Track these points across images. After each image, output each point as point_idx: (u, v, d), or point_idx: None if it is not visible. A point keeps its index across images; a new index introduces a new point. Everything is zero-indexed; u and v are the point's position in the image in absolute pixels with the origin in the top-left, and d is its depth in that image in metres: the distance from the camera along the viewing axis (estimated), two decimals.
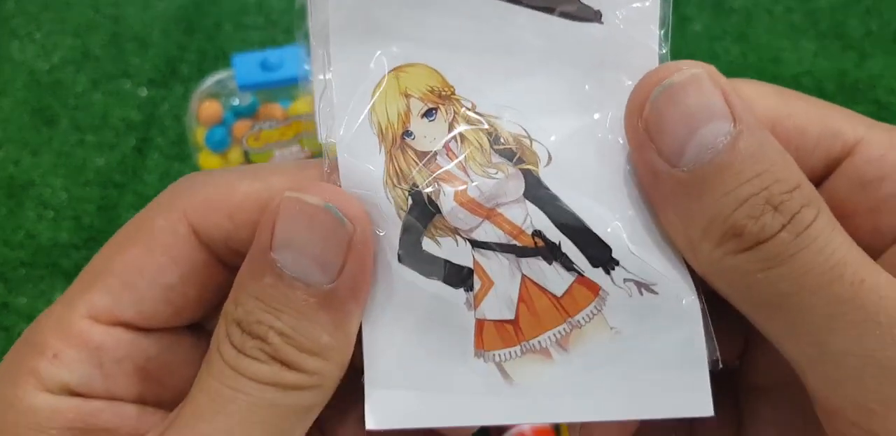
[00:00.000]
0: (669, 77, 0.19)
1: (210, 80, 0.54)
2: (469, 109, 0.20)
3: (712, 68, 0.19)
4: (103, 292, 0.19)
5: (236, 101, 0.52)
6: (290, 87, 0.53)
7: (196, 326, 0.22)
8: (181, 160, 0.71)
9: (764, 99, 0.21)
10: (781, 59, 0.83)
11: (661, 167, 0.18)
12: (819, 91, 0.79)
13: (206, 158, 0.54)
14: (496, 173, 0.19)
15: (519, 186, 0.19)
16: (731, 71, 0.81)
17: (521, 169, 0.20)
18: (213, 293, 0.21)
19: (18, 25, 0.83)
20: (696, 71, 0.19)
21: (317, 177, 0.19)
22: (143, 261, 0.19)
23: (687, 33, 0.86)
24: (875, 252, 0.19)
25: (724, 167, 0.17)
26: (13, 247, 0.64)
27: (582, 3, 0.20)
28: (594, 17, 0.21)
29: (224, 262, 0.20)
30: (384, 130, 0.19)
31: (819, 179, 0.21)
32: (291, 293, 0.17)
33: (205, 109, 0.52)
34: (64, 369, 0.19)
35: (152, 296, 0.19)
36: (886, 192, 0.19)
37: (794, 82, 0.80)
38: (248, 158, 0.52)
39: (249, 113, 0.53)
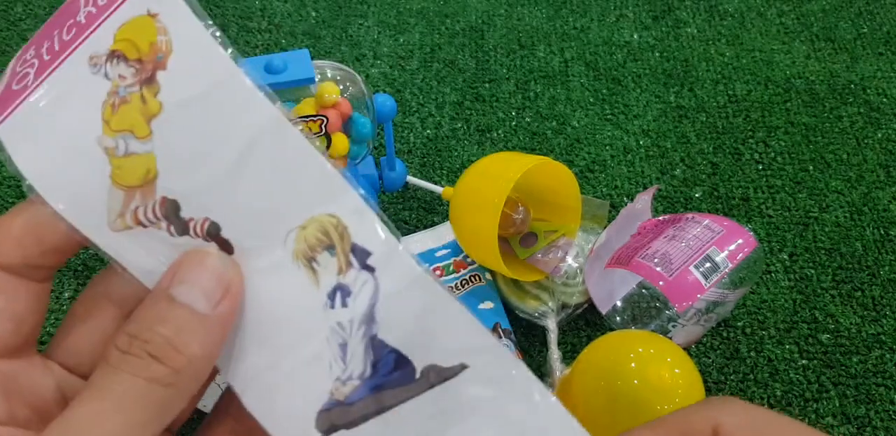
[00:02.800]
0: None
1: None
2: None
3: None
4: None
5: None
6: (294, 90, 0.54)
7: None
8: None
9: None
10: (774, 62, 0.84)
11: None
12: (811, 93, 0.81)
13: None
14: None
15: None
16: (724, 73, 0.83)
17: None
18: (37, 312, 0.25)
19: (27, 28, 0.85)
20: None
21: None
22: None
23: (681, 36, 0.87)
24: None
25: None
26: None
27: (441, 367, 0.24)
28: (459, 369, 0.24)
29: (28, 276, 0.25)
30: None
31: None
32: (179, 312, 0.22)
33: None
34: None
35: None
36: None
37: (786, 84, 0.82)
38: None
39: None
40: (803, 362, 0.60)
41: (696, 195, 0.71)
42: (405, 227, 0.68)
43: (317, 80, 0.55)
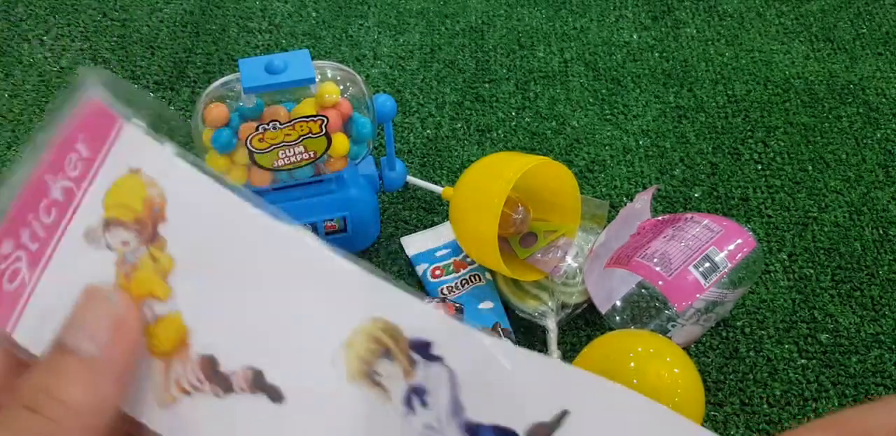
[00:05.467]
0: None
1: (216, 83, 0.55)
2: None
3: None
4: None
5: (242, 104, 0.54)
6: (294, 90, 0.55)
7: None
8: None
9: None
10: (773, 62, 0.85)
11: None
12: (810, 93, 0.81)
13: (213, 160, 0.55)
14: None
15: None
16: (723, 74, 0.83)
17: None
18: None
19: (28, 28, 0.85)
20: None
21: None
22: None
23: (681, 37, 0.87)
24: None
25: None
26: None
27: None
28: None
29: None
30: None
31: None
32: (65, 358, 0.21)
33: (211, 111, 0.54)
34: None
35: None
36: None
37: (785, 84, 0.82)
38: (253, 159, 0.54)
39: (255, 115, 0.54)
40: (802, 361, 0.60)
41: (696, 195, 0.72)
42: (405, 227, 0.69)
43: (317, 80, 0.55)
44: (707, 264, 0.56)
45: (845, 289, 0.65)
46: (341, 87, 0.56)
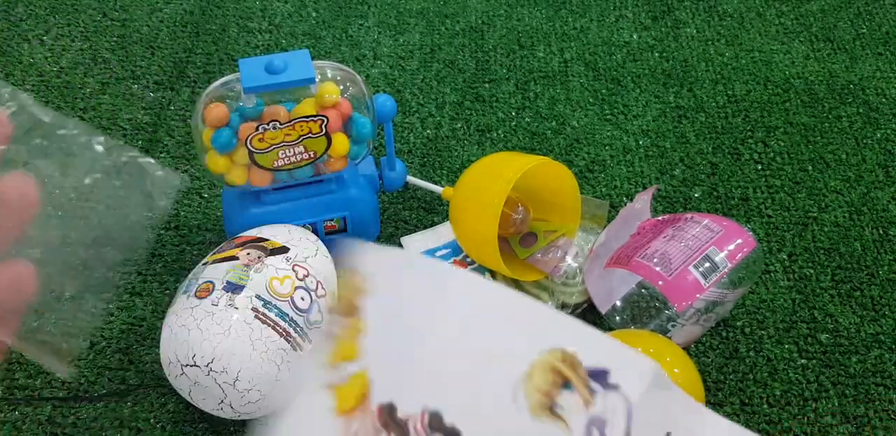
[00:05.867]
0: None
1: (216, 83, 0.55)
2: None
3: None
4: None
5: (242, 104, 0.54)
6: (294, 90, 0.54)
7: None
8: (188, 161, 0.73)
9: None
10: (773, 62, 0.85)
11: None
12: (810, 93, 0.81)
13: (213, 159, 0.55)
14: None
15: None
16: (723, 74, 0.83)
17: None
18: None
19: (28, 29, 0.85)
20: None
21: None
22: None
23: (681, 37, 0.87)
24: None
25: None
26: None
27: None
28: None
29: None
30: None
31: None
32: None
33: (211, 111, 0.54)
34: None
35: None
36: None
37: (785, 85, 0.82)
38: (253, 159, 0.54)
39: (255, 115, 0.54)
40: (802, 361, 0.60)
41: (696, 195, 0.72)
42: (405, 227, 0.69)
43: (317, 80, 0.55)
44: (707, 264, 0.56)
45: (845, 289, 0.65)
46: (341, 87, 0.56)
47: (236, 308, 0.50)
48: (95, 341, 0.60)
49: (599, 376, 0.22)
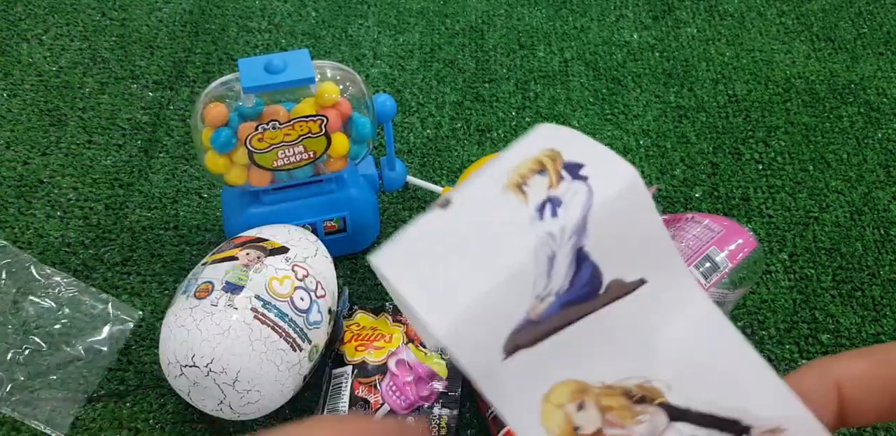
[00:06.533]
0: None
1: (215, 83, 0.55)
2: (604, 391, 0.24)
3: None
4: None
5: (241, 103, 0.54)
6: (293, 90, 0.54)
7: None
8: (187, 161, 0.73)
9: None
10: (774, 62, 0.84)
11: None
12: (811, 93, 0.81)
13: (212, 159, 0.55)
14: (644, 416, 0.23)
15: (663, 417, 0.24)
16: (724, 73, 0.83)
17: (658, 404, 0.24)
18: None
19: (27, 28, 0.85)
20: None
21: None
22: None
23: (681, 36, 0.87)
24: None
25: None
26: (22, 245, 0.65)
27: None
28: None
29: None
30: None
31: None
32: None
33: (210, 110, 0.54)
34: None
35: None
36: None
37: (786, 84, 0.82)
38: (253, 159, 0.54)
39: (254, 115, 0.54)
40: (803, 362, 0.60)
41: (696, 195, 0.71)
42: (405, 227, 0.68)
43: (317, 80, 0.55)
44: (707, 264, 0.56)
45: (846, 289, 0.65)
46: (341, 87, 0.56)
47: (236, 308, 0.49)
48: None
49: (573, 167, 0.23)
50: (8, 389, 0.56)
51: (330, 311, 0.55)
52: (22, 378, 0.56)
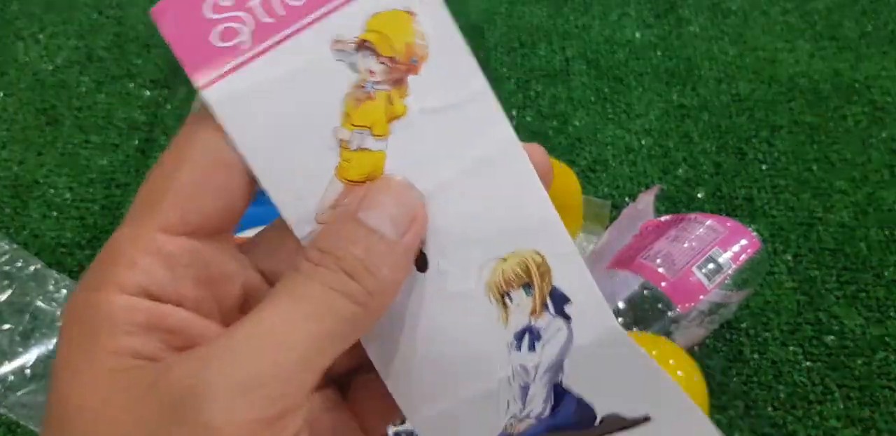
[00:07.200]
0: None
1: None
2: None
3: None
4: (169, 208, 0.22)
5: None
6: None
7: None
8: None
9: None
10: (778, 61, 0.84)
11: None
12: (815, 92, 0.80)
13: None
14: None
15: None
16: (727, 72, 0.82)
17: None
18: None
19: (22, 27, 0.84)
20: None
21: None
22: (196, 175, 0.22)
23: (684, 35, 0.86)
24: None
25: None
26: (18, 246, 0.65)
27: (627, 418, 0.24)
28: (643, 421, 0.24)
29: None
30: None
31: None
32: (369, 236, 0.21)
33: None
34: (141, 274, 0.21)
35: (213, 204, 0.22)
36: None
37: (790, 83, 0.81)
38: None
39: None
40: (807, 363, 0.59)
41: (699, 195, 0.71)
42: None
43: None
44: (711, 265, 0.55)
45: (851, 290, 0.64)
46: None
47: None
48: None
49: (560, 299, 0.23)
50: (4, 390, 0.55)
51: None
52: (19, 379, 0.56)
